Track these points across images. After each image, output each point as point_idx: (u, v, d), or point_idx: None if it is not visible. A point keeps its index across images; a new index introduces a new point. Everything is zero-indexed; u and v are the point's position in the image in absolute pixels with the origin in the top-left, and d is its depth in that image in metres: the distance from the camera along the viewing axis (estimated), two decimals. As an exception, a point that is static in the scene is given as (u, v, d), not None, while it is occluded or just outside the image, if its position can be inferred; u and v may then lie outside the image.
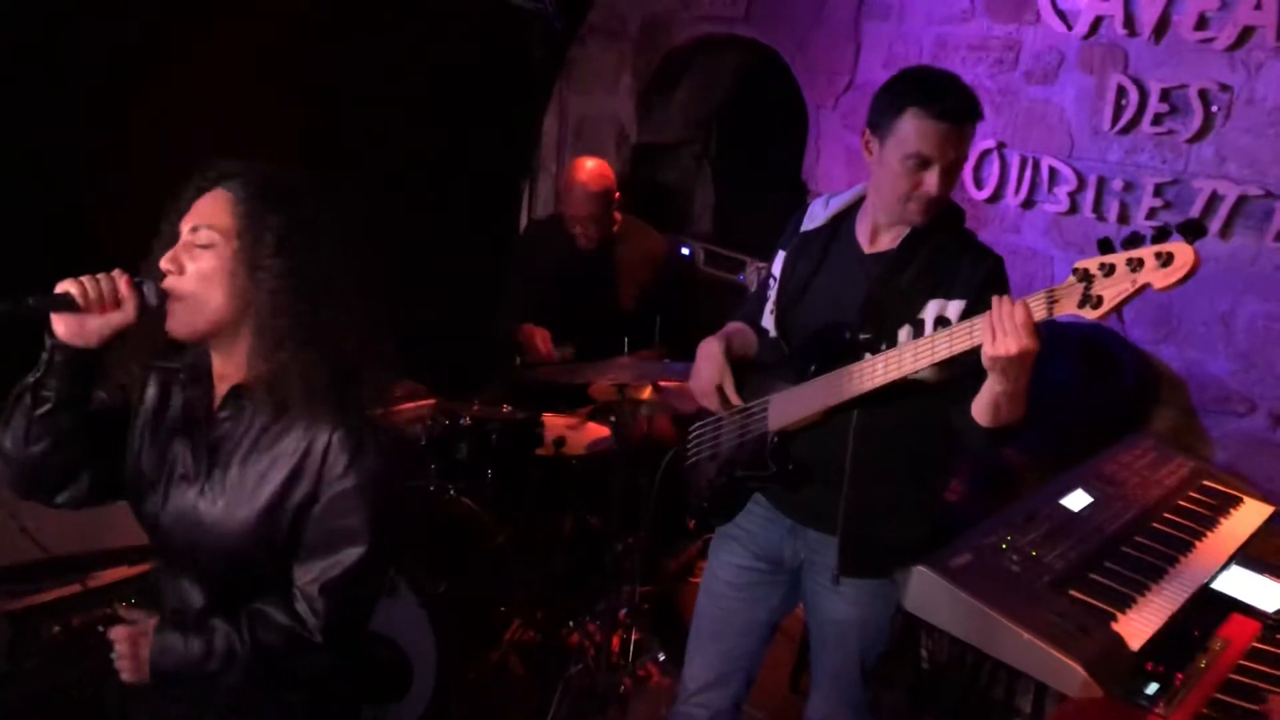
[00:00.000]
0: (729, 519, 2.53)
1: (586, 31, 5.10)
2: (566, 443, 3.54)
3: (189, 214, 1.70)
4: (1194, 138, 3.29)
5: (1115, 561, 2.33)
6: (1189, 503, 2.73)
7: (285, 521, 1.71)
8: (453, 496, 3.47)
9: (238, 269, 1.65)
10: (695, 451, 2.64)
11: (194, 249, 1.67)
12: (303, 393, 1.67)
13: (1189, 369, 3.41)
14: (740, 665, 2.57)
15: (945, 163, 2.16)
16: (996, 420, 2.08)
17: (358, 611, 1.81)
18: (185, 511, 1.73)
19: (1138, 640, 2.06)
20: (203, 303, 1.66)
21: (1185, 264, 1.79)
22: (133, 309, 1.64)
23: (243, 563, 1.73)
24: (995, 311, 1.93)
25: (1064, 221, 3.64)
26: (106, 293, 1.63)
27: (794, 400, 2.32)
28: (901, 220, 2.27)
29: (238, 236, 1.65)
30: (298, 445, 1.70)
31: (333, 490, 1.70)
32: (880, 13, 4.10)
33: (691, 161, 5.43)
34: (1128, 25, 3.39)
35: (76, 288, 1.62)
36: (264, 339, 1.67)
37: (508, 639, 3.57)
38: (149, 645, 1.69)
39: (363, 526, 1.71)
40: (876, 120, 2.23)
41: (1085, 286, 1.87)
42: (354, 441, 1.70)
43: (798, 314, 2.39)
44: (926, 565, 2.14)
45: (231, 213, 1.66)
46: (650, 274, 4.04)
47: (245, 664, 1.70)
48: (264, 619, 1.71)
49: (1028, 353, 1.91)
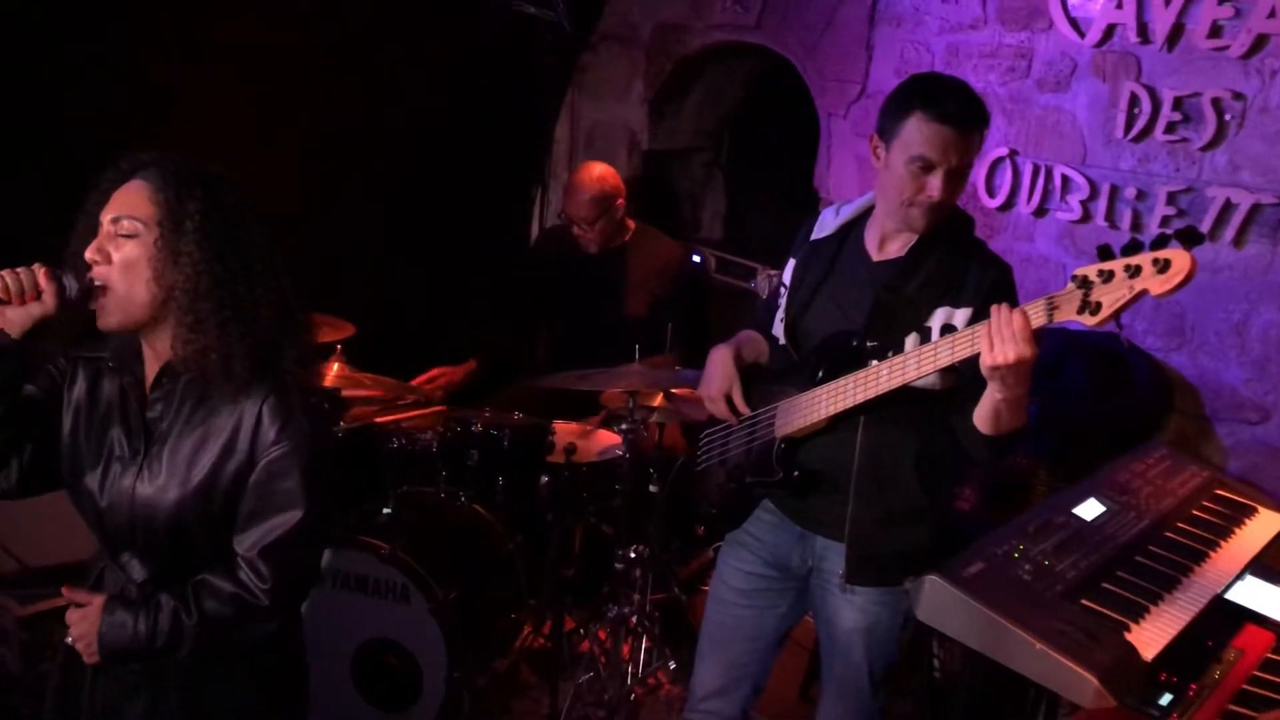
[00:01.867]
0: (737, 525, 2.53)
1: (598, 39, 5.11)
2: (577, 450, 3.54)
3: (108, 205, 1.75)
4: (1207, 146, 3.28)
5: (1128, 571, 2.32)
6: (1202, 512, 2.71)
7: (221, 494, 1.77)
8: (463, 503, 3.47)
9: (161, 255, 1.71)
10: (705, 458, 2.65)
11: (117, 239, 1.72)
12: (227, 369, 1.73)
13: (1202, 377, 3.39)
14: (748, 672, 2.56)
15: (948, 167, 2.16)
16: (998, 428, 2.09)
17: (301, 573, 1.87)
18: (123, 493, 1.79)
19: (1151, 650, 2.04)
20: (131, 292, 1.72)
21: (1181, 270, 1.78)
22: (52, 300, 1.69)
23: (182, 537, 1.79)
24: (994, 319, 1.93)
25: (1076, 229, 3.63)
26: (26, 284, 1.68)
27: (800, 407, 2.32)
28: (905, 225, 2.27)
29: (159, 224, 1.71)
30: (228, 419, 1.77)
31: (267, 457, 1.76)
32: (892, 20, 4.10)
33: (703, 169, 5.43)
34: (1140, 33, 3.39)
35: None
36: (187, 320, 1.72)
37: (518, 646, 3.57)
38: (98, 623, 1.74)
39: (297, 489, 1.77)
40: (884, 125, 2.25)
41: (1085, 293, 1.87)
42: (283, 409, 1.77)
43: (806, 321, 2.39)
44: (938, 574, 2.13)
45: (152, 200, 1.72)
46: (662, 281, 4.05)
47: (194, 637, 1.75)
48: (210, 588, 1.77)
49: (1025, 361, 1.90)
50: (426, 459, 3.51)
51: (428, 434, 3.51)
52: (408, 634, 3.09)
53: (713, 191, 5.49)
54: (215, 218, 1.73)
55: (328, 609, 3.06)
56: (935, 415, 2.24)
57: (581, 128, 5.26)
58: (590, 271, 4.05)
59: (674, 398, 3.50)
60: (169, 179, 1.73)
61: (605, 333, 3.89)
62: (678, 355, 3.87)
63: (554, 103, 5.16)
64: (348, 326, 3.48)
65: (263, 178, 1.90)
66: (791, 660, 3.30)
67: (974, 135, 2.18)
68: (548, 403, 3.87)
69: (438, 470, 3.50)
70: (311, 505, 1.79)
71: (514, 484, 3.59)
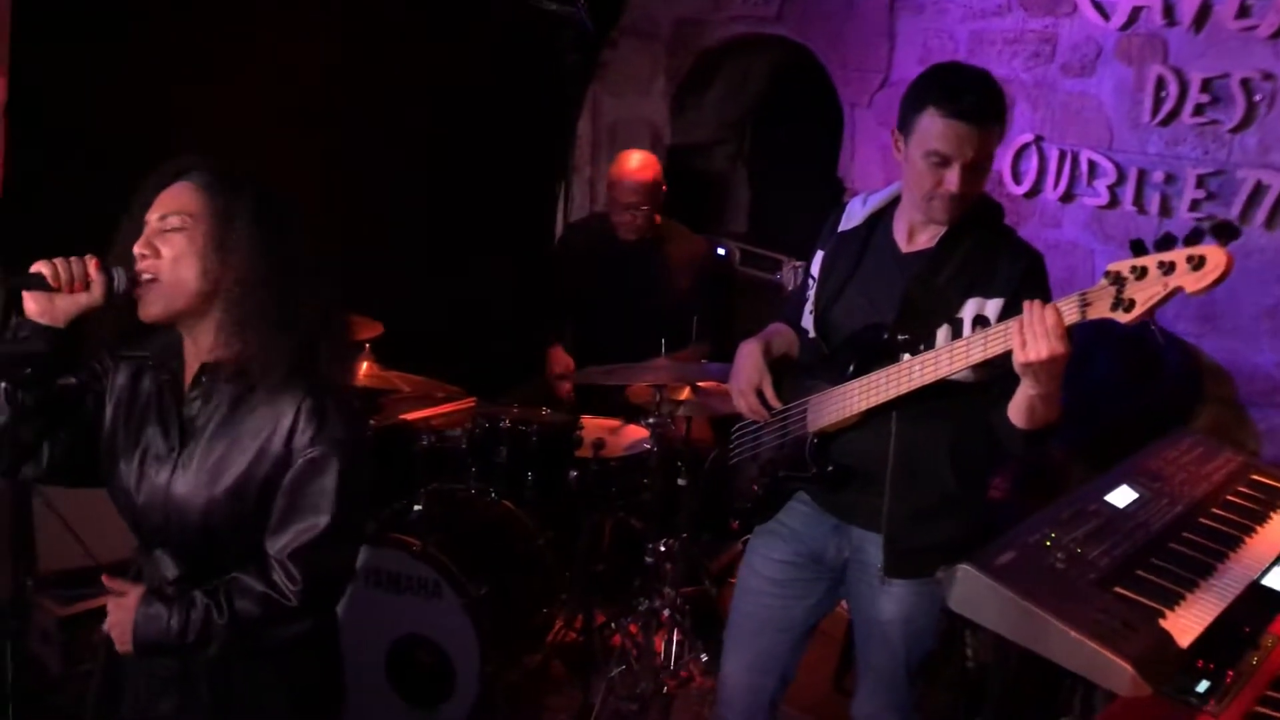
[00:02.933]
0: (770, 517, 2.53)
1: (619, 34, 5.11)
2: (606, 445, 3.55)
3: (154, 205, 1.77)
4: (1237, 127, 3.25)
5: (1162, 558, 2.30)
6: (1237, 497, 2.68)
7: (254, 495, 1.78)
8: (493, 499, 3.49)
9: (209, 248, 1.73)
10: (737, 453, 2.64)
11: (165, 234, 1.74)
12: (268, 369, 1.74)
13: (1234, 361, 3.36)
14: (778, 664, 2.55)
15: (964, 161, 2.15)
16: (1032, 422, 2.08)
17: (333, 576, 1.88)
18: (157, 490, 1.81)
19: (1187, 637, 2.03)
20: (177, 284, 1.74)
21: (1218, 267, 1.77)
22: (100, 291, 1.72)
23: (214, 536, 1.80)
24: (1026, 316, 1.92)
25: (1104, 215, 3.61)
26: (77, 274, 1.71)
27: (832, 401, 2.31)
28: (929, 218, 2.26)
29: (208, 218, 1.73)
30: (264, 420, 1.77)
31: (302, 459, 1.77)
32: (913, 8, 4.08)
33: (726, 162, 5.42)
34: (1166, 15, 3.35)
35: (48, 268, 1.70)
36: (231, 318, 1.74)
37: (550, 641, 3.59)
38: (134, 613, 1.76)
39: (330, 493, 1.78)
40: (902, 118, 2.24)
41: (1118, 289, 1.86)
42: (319, 412, 1.77)
43: (836, 314, 2.38)
44: (970, 563, 2.12)
45: (200, 197, 1.75)
46: (689, 276, 4.06)
47: (225, 635, 1.76)
48: (241, 588, 1.78)
49: (1058, 358, 1.90)
50: (456, 456, 3.53)
51: (457, 431, 3.53)
52: (440, 630, 3.11)
53: (736, 184, 5.48)
54: (264, 215, 1.76)
55: (360, 607, 3.07)
56: (969, 407, 2.23)
57: (604, 123, 5.26)
58: (616, 265, 4.06)
59: (701, 391, 3.50)
60: (217, 178, 1.76)
61: (631, 327, 3.90)
62: (704, 349, 3.87)
63: (576, 99, 5.17)
64: (376, 325, 3.50)
65: (289, 177, 1.91)
66: (824, 651, 3.30)
67: (992, 128, 2.17)
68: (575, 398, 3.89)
69: (467, 467, 3.52)
70: (342, 510, 1.79)
71: (543, 479, 3.60)
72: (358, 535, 2.05)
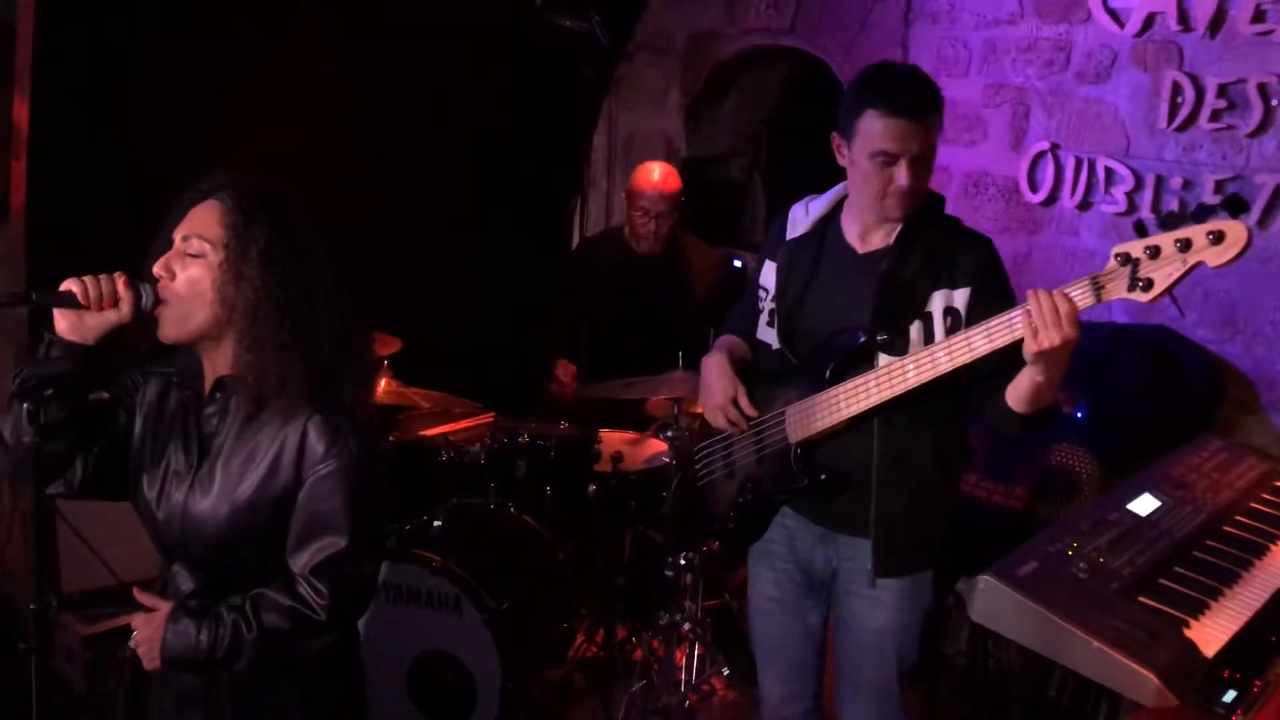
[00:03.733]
0: (759, 537, 2.50)
1: (634, 49, 5.13)
2: (624, 458, 3.55)
3: (183, 223, 1.78)
4: (1254, 132, 3.23)
5: (1186, 566, 2.28)
6: (1261, 505, 2.67)
7: (269, 511, 1.79)
8: (513, 514, 3.49)
9: (224, 278, 1.74)
10: (706, 472, 2.61)
11: (185, 257, 1.76)
12: (280, 391, 1.76)
13: (1257, 367, 3.34)
14: (811, 670, 2.56)
15: (910, 155, 2.18)
16: (1035, 406, 2.09)
17: (357, 588, 1.88)
18: (176, 506, 1.82)
19: (1212, 647, 2.01)
20: (191, 308, 1.76)
21: (1239, 240, 1.78)
22: (129, 308, 1.73)
23: (230, 552, 1.81)
24: (1035, 307, 1.93)
25: (1122, 222, 3.59)
26: (106, 291, 1.72)
27: (816, 409, 2.29)
28: (884, 217, 2.28)
29: (225, 247, 1.74)
30: (276, 435, 1.78)
31: (314, 476, 1.78)
32: (927, 17, 4.08)
33: (741, 173, 5.43)
34: (1181, 21, 3.34)
35: (78, 286, 1.72)
36: (246, 343, 1.76)
37: (571, 655, 3.58)
38: (163, 629, 1.77)
39: (344, 509, 1.78)
40: (842, 123, 2.27)
41: (1131, 270, 1.86)
42: (331, 429, 1.78)
43: (800, 321, 2.37)
44: (992, 574, 2.11)
45: (220, 224, 1.75)
46: (705, 288, 4.05)
47: (254, 650, 1.77)
48: (269, 602, 1.78)
49: (1070, 343, 1.92)
50: (475, 471, 3.53)
51: (475, 446, 3.53)
52: (461, 645, 3.11)
53: (752, 195, 5.48)
54: (280, 244, 1.76)
55: (382, 622, 3.08)
56: (947, 396, 2.22)
57: (619, 137, 5.28)
58: (632, 278, 4.06)
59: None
60: (240, 203, 1.77)
61: (647, 340, 3.90)
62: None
63: (592, 113, 5.19)
64: (395, 341, 3.51)
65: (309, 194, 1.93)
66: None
67: (932, 120, 2.20)
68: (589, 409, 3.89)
69: (486, 482, 3.52)
70: (358, 525, 1.79)
71: (562, 493, 3.60)
72: (379, 548, 2.05)
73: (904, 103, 2.16)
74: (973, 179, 4.00)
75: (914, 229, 2.27)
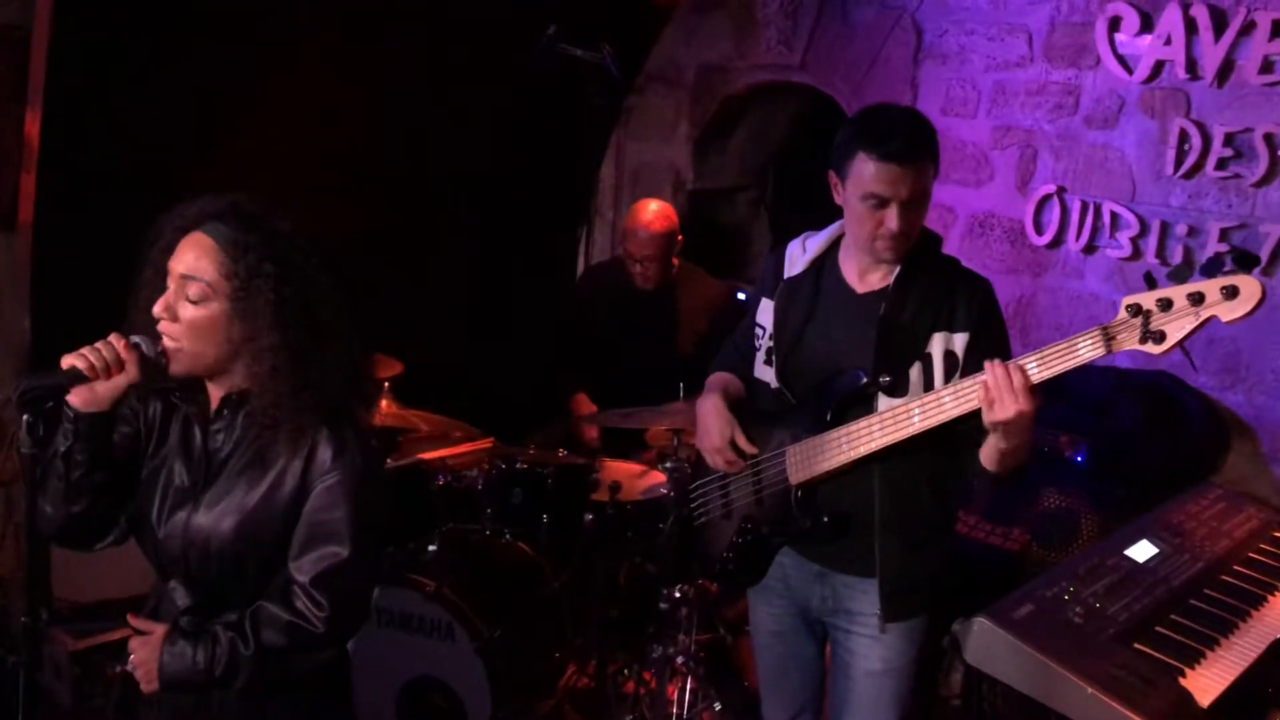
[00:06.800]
0: (759, 578, 2.48)
1: (644, 80, 5.16)
2: (622, 488, 3.54)
3: (175, 255, 1.77)
4: (1260, 182, 3.24)
5: (1183, 615, 2.27)
6: (1260, 555, 2.65)
7: (272, 526, 1.80)
8: (508, 541, 3.48)
9: (230, 317, 1.75)
10: (703, 512, 2.60)
11: (185, 301, 1.75)
12: (290, 417, 1.77)
13: (1259, 415, 3.33)
14: (810, 698, 2.57)
15: (900, 200, 2.17)
16: (1003, 469, 2.12)
17: (355, 602, 1.89)
18: (178, 521, 1.83)
19: (1207, 696, 2.00)
20: (202, 348, 1.77)
21: (1253, 296, 1.79)
22: (135, 368, 1.74)
23: (230, 567, 1.82)
24: (990, 378, 1.95)
25: (1126, 267, 3.59)
26: (110, 359, 1.72)
27: (817, 450, 2.26)
28: (877, 259, 2.28)
29: (228, 287, 1.74)
30: (284, 450, 1.79)
31: (319, 488, 1.79)
32: (937, 58, 4.10)
33: (748, 207, 5.45)
34: (1190, 69, 3.36)
35: (82, 362, 1.71)
36: (253, 373, 1.77)
37: (562, 686, 3.55)
38: (160, 651, 1.77)
39: (348, 522, 1.80)
40: (836, 163, 2.27)
41: (1143, 322, 1.86)
42: (337, 442, 1.80)
43: (798, 361, 2.36)
44: (987, 617, 2.10)
45: (221, 263, 1.74)
46: (707, 320, 4.05)
47: (251, 667, 1.77)
48: (267, 617, 1.79)
49: (1025, 414, 1.93)
50: (471, 497, 3.52)
51: (473, 472, 3.53)
52: (452, 672, 3.09)
53: (758, 230, 5.50)
54: (286, 281, 1.76)
55: (373, 647, 3.07)
56: (947, 436, 2.20)
57: (627, 168, 5.30)
58: (636, 309, 4.06)
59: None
60: (239, 239, 1.74)
61: (649, 370, 3.90)
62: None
63: (600, 144, 5.22)
64: (396, 364, 3.51)
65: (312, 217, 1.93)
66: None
67: (924, 164, 2.18)
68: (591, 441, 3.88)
69: (482, 508, 3.52)
70: (361, 537, 1.81)
71: (559, 522, 3.59)
72: (377, 563, 2.06)
73: (895, 147, 2.14)
74: (979, 220, 4.01)
75: (912, 270, 2.27)
